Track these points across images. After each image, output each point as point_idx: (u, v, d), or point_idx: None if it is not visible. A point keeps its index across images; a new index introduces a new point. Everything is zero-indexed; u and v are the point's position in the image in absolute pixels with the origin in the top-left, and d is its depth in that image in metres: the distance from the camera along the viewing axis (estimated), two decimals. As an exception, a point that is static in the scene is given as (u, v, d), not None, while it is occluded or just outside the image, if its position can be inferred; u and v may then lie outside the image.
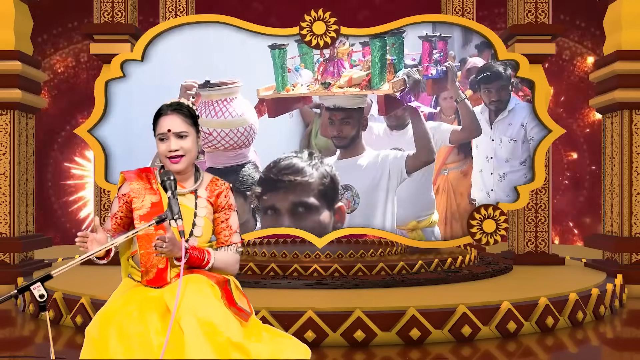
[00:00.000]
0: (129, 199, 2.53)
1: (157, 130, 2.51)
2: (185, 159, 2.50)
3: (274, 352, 2.38)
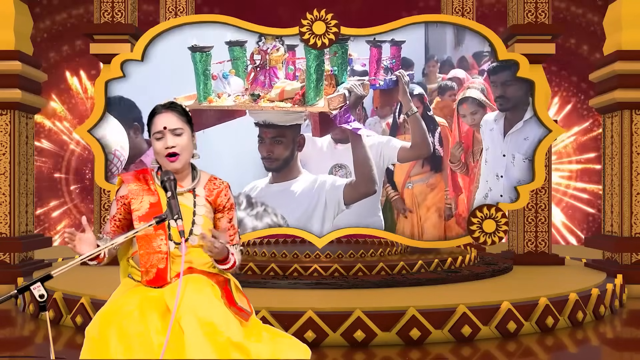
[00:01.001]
0: (127, 200, 2.53)
1: (153, 129, 2.51)
2: (182, 156, 2.50)
3: (274, 352, 2.38)
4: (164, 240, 2.47)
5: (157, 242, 2.46)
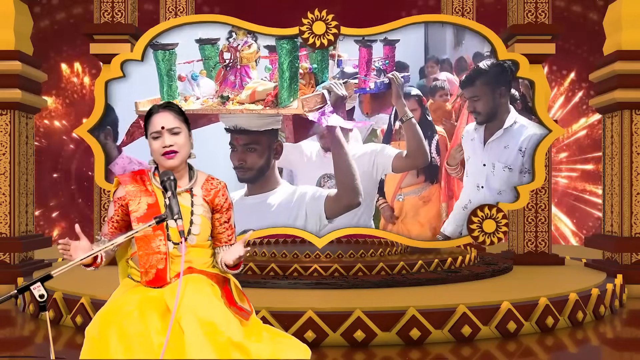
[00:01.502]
0: (124, 202, 2.54)
1: (150, 129, 2.52)
2: (179, 155, 2.51)
3: (274, 352, 2.38)
4: (162, 241, 2.47)
5: (156, 242, 2.47)
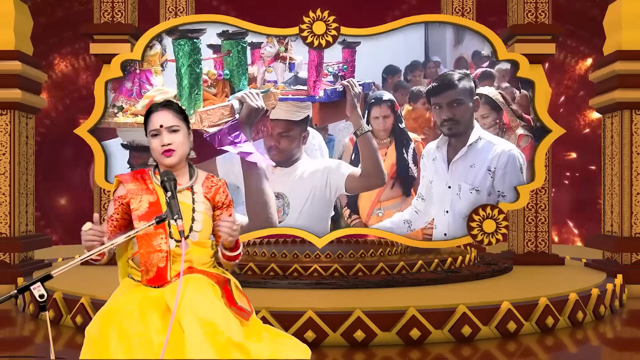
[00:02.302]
0: (125, 200, 2.53)
1: (149, 127, 2.53)
2: (178, 152, 2.51)
3: (274, 352, 2.38)
4: (164, 239, 2.47)
5: (157, 240, 2.47)
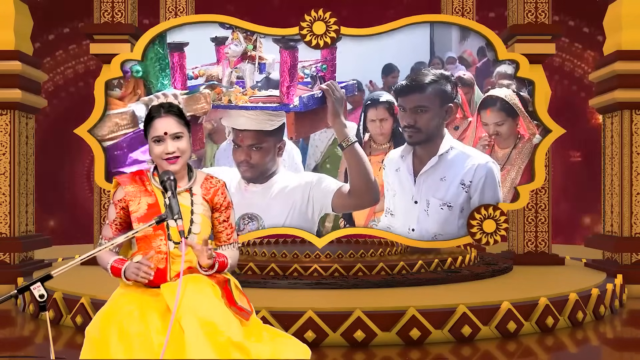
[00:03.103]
0: (125, 203, 2.53)
1: (152, 133, 2.50)
2: (182, 159, 2.51)
3: (274, 352, 2.38)
4: (163, 241, 2.47)
5: (157, 242, 2.47)
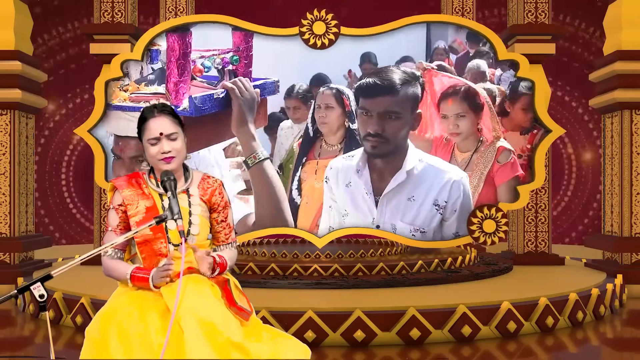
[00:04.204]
0: (124, 208, 2.53)
1: (147, 134, 2.49)
2: (177, 159, 2.51)
3: (274, 352, 2.38)
4: (163, 243, 2.48)
5: (157, 245, 2.48)
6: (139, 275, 2.43)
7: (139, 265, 2.49)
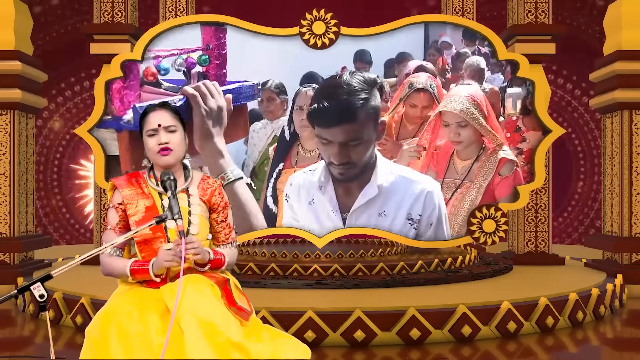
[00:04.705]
0: (124, 207, 2.53)
1: (146, 126, 2.52)
2: (175, 153, 2.51)
3: (274, 352, 2.38)
4: (163, 243, 2.48)
5: (157, 244, 2.48)
6: (138, 267, 2.43)
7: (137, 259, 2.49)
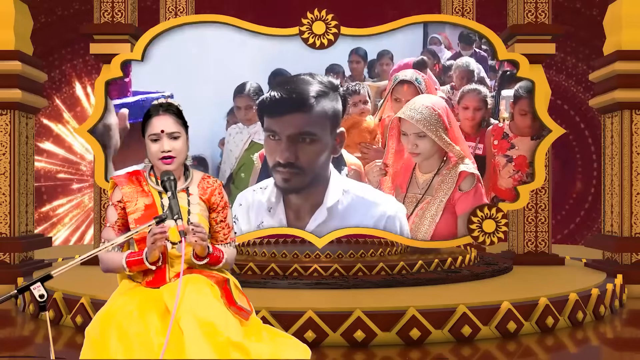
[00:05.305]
0: (123, 205, 2.53)
1: (149, 130, 2.51)
2: (177, 159, 2.51)
3: (274, 352, 2.38)
4: (162, 242, 2.47)
5: (156, 243, 2.47)
6: (133, 259, 2.43)
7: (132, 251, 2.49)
